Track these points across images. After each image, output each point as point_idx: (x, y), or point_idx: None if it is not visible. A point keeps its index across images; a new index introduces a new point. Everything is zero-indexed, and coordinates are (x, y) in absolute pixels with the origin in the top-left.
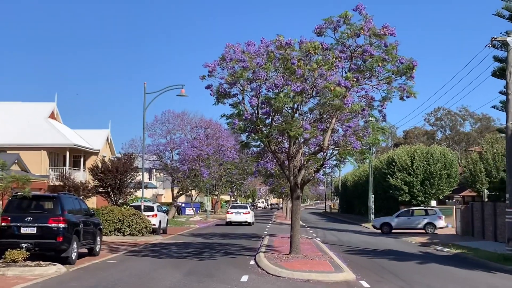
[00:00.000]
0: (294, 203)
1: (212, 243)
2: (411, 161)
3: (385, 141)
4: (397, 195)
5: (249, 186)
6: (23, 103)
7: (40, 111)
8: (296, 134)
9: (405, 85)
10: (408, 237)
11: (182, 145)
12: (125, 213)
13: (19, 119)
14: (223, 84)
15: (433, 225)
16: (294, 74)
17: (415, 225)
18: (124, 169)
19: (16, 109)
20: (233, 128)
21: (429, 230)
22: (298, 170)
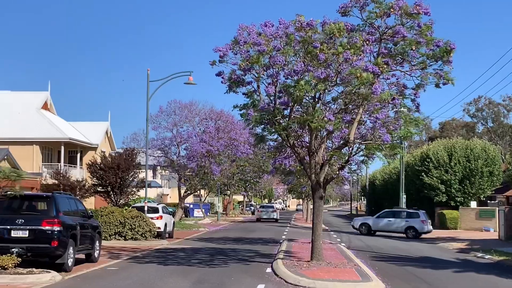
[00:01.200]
0: (315, 204)
1: (224, 249)
2: (448, 157)
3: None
4: (432, 195)
5: (264, 185)
6: (13, 93)
7: (32, 101)
8: (319, 126)
9: (441, 71)
10: (445, 242)
11: (190, 139)
12: (126, 215)
13: (9, 110)
14: (235, 71)
15: (414, 229)
16: (316, 59)
17: (395, 228)
18: (126, 166)
19: (5, 99)
20: (247, 120)
21: (410, 234)
22: (320, 167)
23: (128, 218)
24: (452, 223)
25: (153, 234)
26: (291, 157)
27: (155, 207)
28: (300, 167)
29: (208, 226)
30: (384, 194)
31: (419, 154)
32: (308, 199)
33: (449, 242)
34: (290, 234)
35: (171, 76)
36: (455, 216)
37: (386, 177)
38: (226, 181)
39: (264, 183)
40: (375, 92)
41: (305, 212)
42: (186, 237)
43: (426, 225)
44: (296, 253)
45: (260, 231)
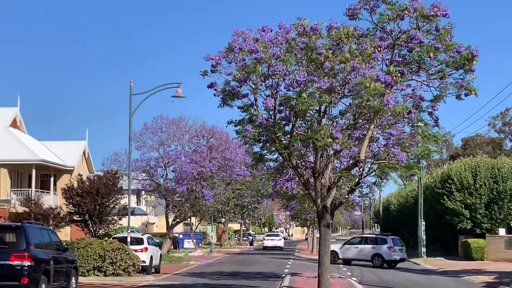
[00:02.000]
0: (322, 233)
1: (218, 285)
2: (472, 178)
3: (438, 152)
4: (455, 221)
5: (264, 212)
6: None
7: None
8: (324, 145)
9: (463, 80)
10: (470, 275)
11: (178, 160)
12: (107, 247)
13: None
14: (230, 82)
15: (381, 257)
16: (321, 67)
17: (363, 256)
18: (106, 191)
19: None
20: (243, 137)
21: (376, 263)
22: (327, 191)
23: (109, 251)
24: (478, 253)
25: (137, 268)
26: (293, 179)
27: (139, 238)
28: (304, 191)
29: (200, 258)
30: (400, 220)
31: (440, 174)
32: (313, 227)
33: (475, 275)
34: (293, 267)
35: (157, 88)
36: (481, 245)
37: (402, 201)
38: (220, 207)
39: (263, 209)
40: (388, 105)
41: (311, 242)
42: (174, 272)
43: (395, 253)
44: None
45: (260, 264)
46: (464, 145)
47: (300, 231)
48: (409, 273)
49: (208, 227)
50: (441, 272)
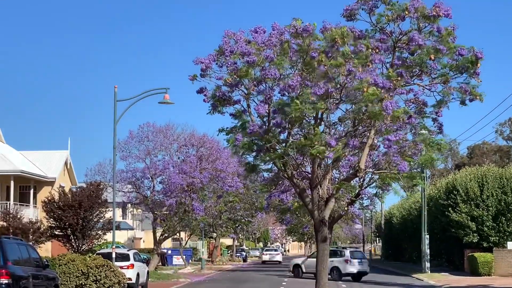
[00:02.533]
0: (320, 247)
1: None
2: (479, 189)
3: (442, 161)
4: (461, 234)
5: (258, 226)
6: None
7: None
8: (317, 152)
9: (467, 85)
10: None
11: (166, 171)
12: (90, 263)
13: None
14: (221, 87)
15: (338, 271)
16: (315, 71)
17: None
18: (90, 203)
19: None
20: (235, 146)
21: (334, 276)
22: (325, 203)
23: (92, 268)
24: (485, 268)
25: (123, 287)
26: (289, 190)
27: (125, 254)
28: (299, 203)
29: (190, 276)
30: (403, 234)
31: (444, 185)
32: (311, 241)
33: None
34: (289, 285)
35: (143, 94)
36: (488, 260)
37: (405, 214)
38: (211, 221)
39: (258, 223)
40: (386, 110)
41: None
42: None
43: (351, 265)
44: None
45: (254, 282)
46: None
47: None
48: None
49: (198, 242)
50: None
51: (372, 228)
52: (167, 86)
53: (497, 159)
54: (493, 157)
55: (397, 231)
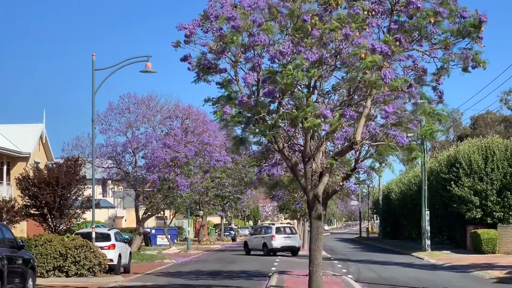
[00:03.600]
0: (313, 225)
1: (196, 286)
2: (483, 161)
3: (443, 132)
4: (463, 210)
5: (248, 203)
6: None
7: None
8: (312, 125)
9: (470, 51)
10: (480, 270)
11: (149, 145)
12: (68, 244)
13: None
14: (206, 54)
15: (266, 246)
16: (308, 36)
17: (258, 246)
18: (67, 180)
19: None
20: (222, 119)
21: (264, 251)
22: (318, 177)
23: (71, 248)
24: (489, 245)
25: (104, 268)
26: (280, 164)
27: (105, 234)
28: (291, 177)
29: (176, 256)
30: (401, 210)
31: (446, 158)
32: (304, 219)
33: (485, 270)
34: (281, 264)
35: (123, 62)
36: (492, 237)
37: (404, 189)
38: (197, 198)
39: (247, 200)
40: (385, 79)
41: (301, 236)
42: (146, 272)
43: (275, 241)
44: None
45: (244, 262)
46: (473, 124)
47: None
48: (412, 269)
49: (184, 221)
50: (448, 267)
51: (369, 204)
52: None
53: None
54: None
55: (396, 207)
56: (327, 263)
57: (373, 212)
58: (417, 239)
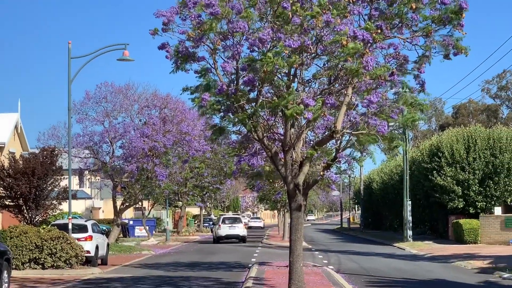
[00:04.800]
0: (293, 215)
1: (174, 277)
2: (465, 151)
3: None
4: (445, 200)
5: (228, 194)
6: None
7: None
8: (294, 112)
9: (451, 37)
10: (461, 260)
11: (127, 134)
12: (45, 235)
13: None
14: (184, 42)
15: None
16: (288, 23)
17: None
18: (43, 171)
19: None
20: (201, 107)
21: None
22: (299, 167)
23: (47, 240)
24: (471, 235)
25: (81, 260)
26: (260, 154)
27: (82, 225)
28: (271, 167)
29: (154, 248)
30: (383, 200)
31: (428, 147)
32: (285, 209)
33: (467, 260)
34: (261, 256)
35: (100, 50)
36: (474, 227)
37: (386, 179)
38: (176, 188)
39: (227, 191)
40: (367, 67)
41: (281, 227)
42: (124, 263)
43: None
44: (270, 279)
45: (223, 253)
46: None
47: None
48: (393, 260)
49: (162, 212)
50: (429, 257)
51: (351, 194)
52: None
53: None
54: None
55: (377, 197)
56: (308, 254)
57: (355, 203)
58: (398, 229)
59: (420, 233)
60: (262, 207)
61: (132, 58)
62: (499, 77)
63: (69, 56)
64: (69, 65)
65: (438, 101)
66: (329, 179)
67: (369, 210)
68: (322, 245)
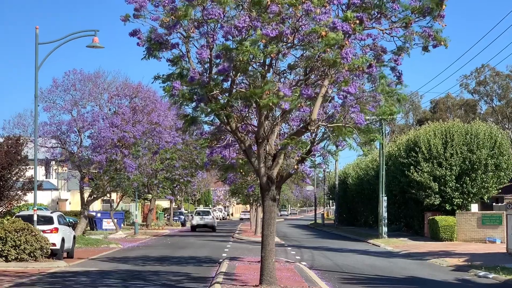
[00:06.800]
0: (266, 209)
1: (143, 272)
2: (442, 146)
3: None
4: (421, 196)
5: (199, 187)
6: None
7: None
8: (270, 103)
9: (431, 29)
10: (437, 257)
11: (96, 124)
12: (8, 227)
13: None
14: (157, 29)
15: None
16: (266, 11)
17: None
18: (8, 160)
19: None
20: (172, 96)
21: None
22: (272, 159)
23: (11, 232)
24: (447, 232)
25: (46, 253)
26: (232, 145)
27: (48, 217)
28: (244, 160)
29: (122, 241)
30: (358, 196)
31: (405, 142)
32: (257, 204)
33: (443, 257)
34: (233, 251)
35: (69, 36)
36: (450, 224)
37: (362, 174)
38: (146, 180)
39: (198, 184)
40: (346, 58)
41: (254, 222)
42: (91, 257)
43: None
44: (240, 275)
45: (193, 248)
46: (433, 108)
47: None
48: (368, 256)
49: (131, 204)
50: (404, 254)
51: (325, 189)
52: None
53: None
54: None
55: (353, 192)
56: (280, 250)
57: (329, 198)
58: (374, 225)
59: (395, 229)
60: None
61: (102, 45)
62: (478, 72)
63: (36, 42)
64: (36, 51)
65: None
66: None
67: (344, 206)
68: (296, 241)
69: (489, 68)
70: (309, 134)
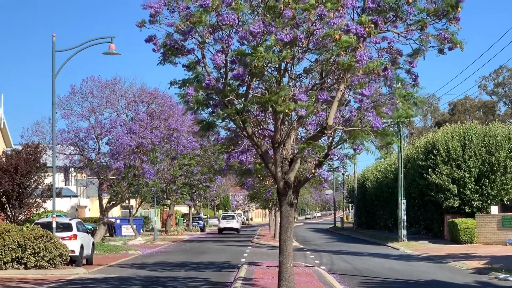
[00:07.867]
0: (283, 214)
1: (162, 278)
2: (461, 148)
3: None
4: (440, 199)
5: (217, 192)
6: None
7: None
8: (286, 109)
9: (446, 32)
10: (456, 261)
11: (113, 130)
12: (28, 234)
13: None
14: (172, 34)
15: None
16: (280, 16)
17: None
18: (27, 168)
19: None
20: (186, 102)
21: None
22: (289, 164)
23: (30, 239)
24: (467, 235)
25: (65, 260)
26: (249, 150)
27: (67, 224)
28: (261, 165)
29: (141, 247)
30: (377, 199)
31: (423, 144)
32: (276, 208)
33: (463, 260)
34: (251, 255)
35: (85, 43)
36: (470, 226)
37: (380, 177)
38: (164, 186)
39: (216, 189)
40: (360, 61)
41: (272, 226)
42: (110, 263)
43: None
44: (259, 280)
45: (212, 253)
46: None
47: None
48: (387, 260)
49: (150, 210)
50: (424, 257)
51: (344, 193)
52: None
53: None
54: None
55: (371, 196)
56: (299, 254)
57: (348, 201)
58: (393, 229)
59: (415, 232)
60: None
61: (118, 52)
62: (496, 73)
63: (53, 50)
64: (53, 59)
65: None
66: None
67: (363, 209)
68: (315, 245)
69: (507, 69)
70: (326, 138)
